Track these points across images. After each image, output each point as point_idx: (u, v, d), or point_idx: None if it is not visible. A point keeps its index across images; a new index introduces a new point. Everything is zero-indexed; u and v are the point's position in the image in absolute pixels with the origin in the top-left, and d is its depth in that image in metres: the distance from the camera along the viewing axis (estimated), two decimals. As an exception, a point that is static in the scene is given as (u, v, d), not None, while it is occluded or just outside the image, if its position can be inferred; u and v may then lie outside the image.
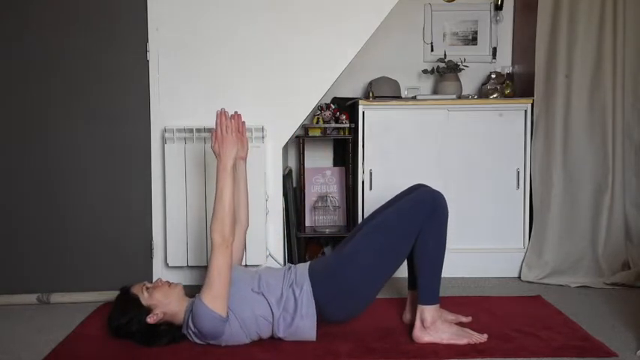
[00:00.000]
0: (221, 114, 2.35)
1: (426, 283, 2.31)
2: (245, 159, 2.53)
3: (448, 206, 3.21)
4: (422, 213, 2.26)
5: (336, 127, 3.43)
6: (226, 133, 2.33)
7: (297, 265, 2.40)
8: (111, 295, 2.72)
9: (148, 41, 2.95)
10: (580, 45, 3.17)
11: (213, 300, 2.16)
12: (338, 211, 3.60)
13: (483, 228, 3.31)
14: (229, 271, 2.21)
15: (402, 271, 2.41)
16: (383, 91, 3.47)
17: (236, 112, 2.42)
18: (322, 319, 2.28)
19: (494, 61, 3.79)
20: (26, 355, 2.25)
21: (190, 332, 2.25)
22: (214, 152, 2.34)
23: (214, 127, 2.36)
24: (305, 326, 2.24)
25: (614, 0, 3.14)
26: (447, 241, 3.23)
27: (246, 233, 2.60)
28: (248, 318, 2.23)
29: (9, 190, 2.95)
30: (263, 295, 2.25)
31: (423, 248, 2.28)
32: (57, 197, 2.96)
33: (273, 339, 2.29)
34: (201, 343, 2.25)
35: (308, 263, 2.39)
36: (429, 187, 2.42)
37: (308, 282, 2.26)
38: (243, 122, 2.44)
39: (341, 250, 2.34)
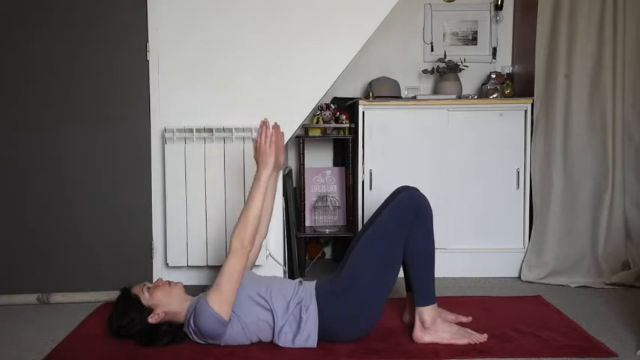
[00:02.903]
0: (263, 124, 2.32)
1: (420, 285, 2.31)
2: (279, 171, 2.49)
3: (447, 206, 3.26)
4: (405, 219, 2.26)
5: (336, 127, 3.43)
6: (265, 144, 2.30)
7: (306, 283, 2.37)
8: (111, 295, 2.73)
9: (148, 41, 2.95)
10: (580, 45, 3.18)
11: (220, 303, 2.16)
12: (338, 211, 3.60)
13: (483, 228, 3.31)
14: (240, 277, 2.21)
15: (401, 271, 2.41)
16: (383, 91, 3.47)
17: (276, 123, 2.38)
18: (328, 340, 2.25)
19: (494, 61, 3.79)
20: (26, 355, 2.25)
21: (191, 330, 2.25)
22: (256, 161, 2.32)
23: (257, 136, 2.32)
24: (306, 345, 2.23)
25: (614, 0, 3.14)
26: (448, 241, 3.27)
27: (262, 242, 2.58)
28: (251, 322, 2.23)
29: (8, 190, 2.95)
30: (268, 301, 2.25)
31: (412, 252, 2.28)
32: (57, 197, 2.96)
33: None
34: (201, 342, 2.25)
35: (315, 283, 2.36)
36: (411, 189, 2.41)
37: (315, 304, 2.25)
38: (282, 133, 2.41)
39: (340, 272, 2.31)
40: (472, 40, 3.81)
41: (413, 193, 2.35)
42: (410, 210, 2.27)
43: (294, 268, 3.24)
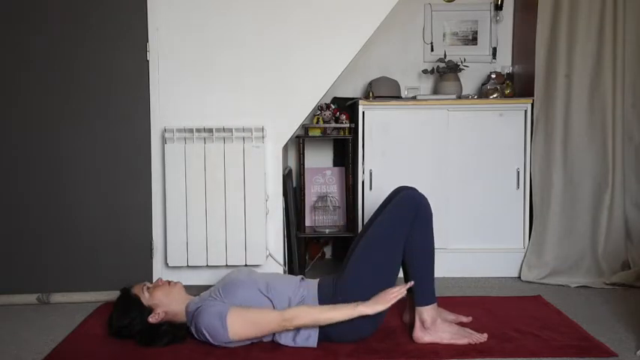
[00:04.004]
0: (405, 288, 2.24)
1: (420, 285, 2.30)
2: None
3: (447, 206, 3.26)
4: (405, 219, 2.26)
5: (336, 127, 3.43)
6: (393, 300, 2.20)
7: (308, 281, 2.37)
8: (111, 295, 2.73)
9: (148, 41, 2.95)
10: (580, 45, 3.17)
11: (236, 332, 2.14)
12: (338, 211, 3.60)
13: (483, 228, 3.31)
14: (264, 334, 2.20)
15: (401, 271, 2.41)
16: (383, 91, 3.47)
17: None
18: (329, 340, 2.25)
19: (494, 61, 3.79)
20: (26, 355, 2.25)
21: (193, 328, 2.25)
22: (377, 300, 2.20)
23: (397, 291, 2.22)
24: (307, 344, 2.24)
25: (614, 0, 3.14)
26: (447, 241, 3.27)
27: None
28: None
29: (8, 190, 2.95)
30: (270, 299, 2.25)
31: (412, 252, 2.28)
32: (57, 197, 2.97)
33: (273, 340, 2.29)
34: (203, 339, 2.24)
35: (317, 282, 2.37)
36: (410, 189, 2.40)
37: (317, 304, 2.26)
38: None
39: (342, 273, 2.31)
40: (472, 40, 3.81)
41: (412, 193, 2.35)
42: (410, 210, 2.27)
43: (294, 268, 3.24)
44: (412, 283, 2.27)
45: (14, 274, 2.95)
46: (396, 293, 2.20)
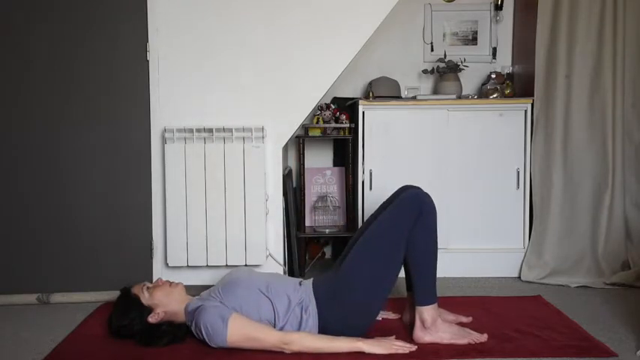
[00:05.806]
0: (409, 347, 2.22)
1: (421, 284, 2.31)
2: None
3: (447, 206, 3.26)
4: (408, 218, 2.26)
5: (336, 127, 3.43)
6: (399, 351, 2.18)
7: (305, 282, 2.37)
8: (111, 295, 2.73)
9: (148, 41, 2.95)
10: (580, 45, 3.17)
11: (233, 338, 2.14)
12: (338, 211, 3.60)
13: (483, 228, 3.31)
14: (258, 349, 2.17)
15: (402, 271, 2.41)
16: (383, 91, 3.47)
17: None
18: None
19: (494, 61, 3.79)
20: (26, 355, 2.25)
21: (193, 326, 2.25)
22: (379, 343, 2.20)
23: (401, 344, 2.22)
24: None
25: (614, 0, 3.14)
26: (448, 241, 3.28)
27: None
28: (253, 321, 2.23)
29: (8, 191, 2.95)
30: (270, 299, 2.25)
31: (414, 251, 2.28)
32: (57, 197, 2.97)
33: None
34: (200, 338, 2.24)
35: (311, 282, 2.36)
36: (415, 188, 2.41)
37: (314, 303, 2.26)
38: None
39: (339, 270, 2.31)
40: (472, 40, 3.81)
41: (416, 191, 2.35)
42: (413, 208, 2.27)
43: (294, 268, 3.24)
44: (415, 347, 2.23)
45: (14, 274, 2.95)
46: (400, 347, 2.19)
